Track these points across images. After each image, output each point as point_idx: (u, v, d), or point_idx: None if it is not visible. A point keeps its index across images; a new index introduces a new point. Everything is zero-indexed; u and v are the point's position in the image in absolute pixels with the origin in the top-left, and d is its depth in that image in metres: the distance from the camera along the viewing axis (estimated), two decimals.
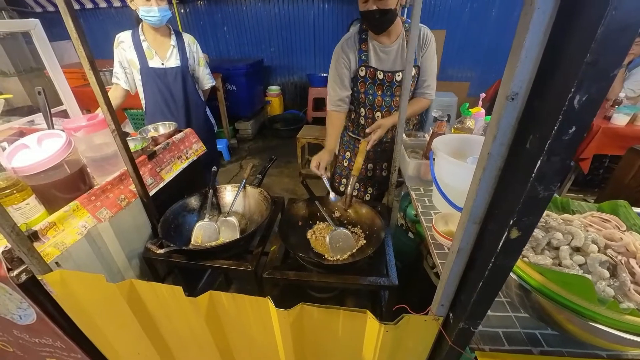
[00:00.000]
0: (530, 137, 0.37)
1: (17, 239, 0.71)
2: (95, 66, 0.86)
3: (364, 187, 1.75)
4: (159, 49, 1.68)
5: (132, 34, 1.65)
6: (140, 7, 1.52)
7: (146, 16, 1.54)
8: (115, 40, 1.65)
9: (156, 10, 1.53)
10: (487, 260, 0.46)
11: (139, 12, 1.55)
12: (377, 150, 1.59)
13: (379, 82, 1.37)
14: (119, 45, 1.65)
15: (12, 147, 0.92)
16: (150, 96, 1.73)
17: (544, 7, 0.31)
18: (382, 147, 1.57)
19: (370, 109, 1.45)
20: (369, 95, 1.41)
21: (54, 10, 4.39)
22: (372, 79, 1.38)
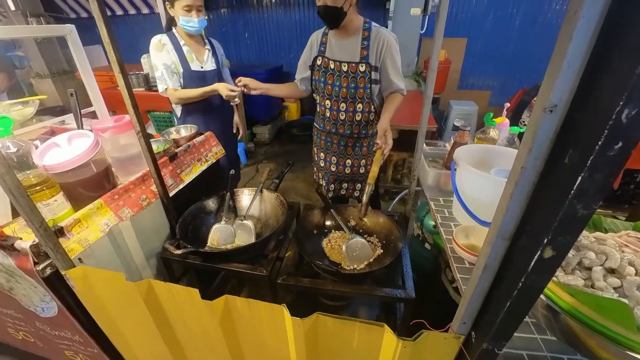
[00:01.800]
0: (570, 151, 0.35)
1: (45, 234, 0.73)
2: (125, 70, 0.89)
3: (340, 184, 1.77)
4: (198, 53, 1.74)
5: (170, 38, 1.67)
6: (181, 17, 1.57)
7: (185, 25, 1.60)
8: (157, 43, 1.64)
9: (196, 21, 1.59)
10: (516, 279, 0.44)
11: (179, 21, 1.60)
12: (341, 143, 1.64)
13: (330, 71, 1.48)
14: (163, 47, 1.65)
15: (44, 146, 0.96)
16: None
17: (589, 15, 0.30)
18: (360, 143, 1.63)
19: (322, 97, 1.57)
20: (321, 83, 1.54)
21: (86, 16, 4.63)
22: (325, 68, 1.50)
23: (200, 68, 1.74)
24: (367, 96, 1.47)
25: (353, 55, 1.43)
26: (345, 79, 1.45)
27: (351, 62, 1.43)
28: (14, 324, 1.23)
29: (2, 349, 1.62)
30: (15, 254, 0.83)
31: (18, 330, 1.27)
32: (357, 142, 1.61)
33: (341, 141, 1.61)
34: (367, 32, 1.41)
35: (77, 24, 1.20)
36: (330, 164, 1.70)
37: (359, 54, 1.42)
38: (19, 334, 1.30)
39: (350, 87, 1.46)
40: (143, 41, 4.49)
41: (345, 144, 1.62)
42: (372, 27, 1.41)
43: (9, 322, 1.23)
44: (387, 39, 1.39)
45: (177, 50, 1.67)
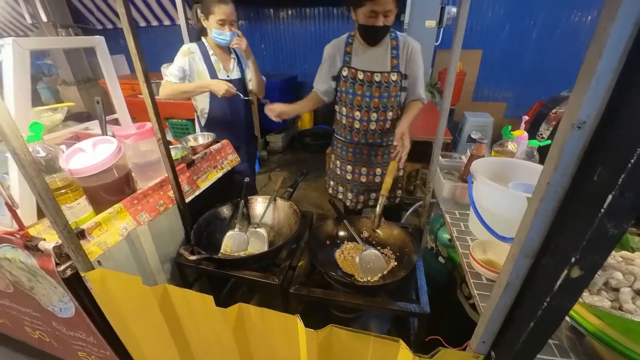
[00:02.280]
0: (599, 169, 0.34)
1: (68, 236, 0.76)
2: (149, 80, 0.93)
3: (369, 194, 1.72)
4: (225, 62, 1.80)
5: (199, 47, 1.73)
6: (214, 29, 1.64)
7: (217, 38, 1.66)
8: (185, 49, 1.71)
9: (228, 34, 1.65)
10: (541, 299, 0.42)
11: (211, 33, 1.66)
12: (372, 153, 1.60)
13: (359, 82, 1.45)
14: (189, 54, 1.70)
15: (70, 150, 1.00)
16: (216, 105, 1.82)
17: (619, 33, 0.29)
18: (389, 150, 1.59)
19: (350, 108, 1.52)
20: (349, 94, 1.49)
21: (111, 27, 4.85)
22: (353, 79, 1.46)
23: (226, 77, 1.79)
24: (397, 104, 1.48)
25: (384, 65, 1.42)
26: (377, 88, 1.44)
27: (383, 72, 1.42)
28: (31, 322, 1.26)
29: (18, 346, 1.66)
30: (38, 254, 0.86)
31: (35, 329, 1.30)
32: (386, 150, 1.60)
33: (371, 151, 1.59)
34: (395, 41, 1.42)
35: (102, 34, 1.26)
36: (360, 175, 1.66)
37: (390, 63, 1.42)
38: (35, 333, 1.34)
39: (382, 96, 1.45)
40: (164, 51, 4.63)
41: (375, 154, 1.60)
42: (399, 36, 1.43)
43: (27, 320, 1.26)
44: (413, 47, 1.42)
45: (205, 60, 1.73)
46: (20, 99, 0.86)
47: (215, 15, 1.59)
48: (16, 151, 0.64)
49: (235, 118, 1.89)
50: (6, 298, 1.18)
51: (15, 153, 0.64)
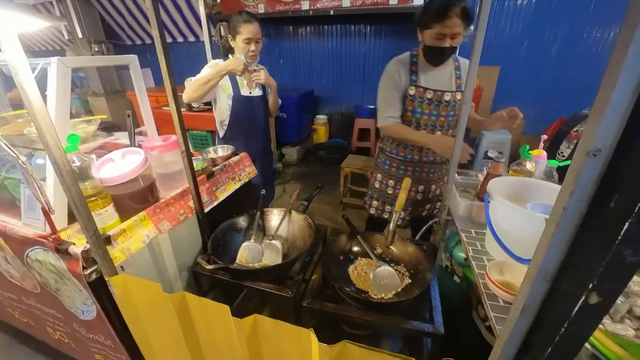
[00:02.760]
0: (616, 196, 0.34)
1: (96, 242, 0.80)
2: (177, 95, 0.99)
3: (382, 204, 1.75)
4: (248, 80, 1.86)
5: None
6: (241, 48, 1.73)
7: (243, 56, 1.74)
8: (212, 63, 1.78)
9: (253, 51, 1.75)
10: (559, 324, 0.42)
11: (237, 52, 1.75)
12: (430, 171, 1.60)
13: (427, 100, 1.46)
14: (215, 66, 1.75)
15: (101, 160, 1.07)
16: (235, 120, 1.88)
17: (632, 67, 0.31)
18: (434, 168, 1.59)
19: (416, 127, 1.51)
20: (417, 114, 1.49)
21: (140, 43, 5.15)
22: (421, 98, 1.46)
23: (248, 93, 1.86)
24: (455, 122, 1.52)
25: (450, 84, 1.46)
26: (445, 107, 1.47)
27: (451, 91, 1.46)
28: (53, 323, 1.31)
29: (37, 346, 1.72)
30: (67, 257, 0.91)
31: (56, 330, 1.35)
32: (443, 166, 1.62)
33: (430, 169, 1.60)
34: (457, 62, 1.48)
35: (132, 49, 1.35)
36: (417, 193, 1.68)
37: (454, 82, 1.47)
38: (55, 334, 1.39)
39: (449, 115, 1.49)
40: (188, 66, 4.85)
41: (434, 171, 1.61)
42: (458, 58, 1.50)
43: (49, 321, 1.32)
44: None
45: (229, 76, 1.79)
46: (60, 112, 0.93)
47: (242, 35, 1.68)
48: (57, 161, 0.70)
49: (254, 130, 1.95)
50: (32, 298, 1.24)
51: (55, 162, 0.70)
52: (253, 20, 1.70)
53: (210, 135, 3.30)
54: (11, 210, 1.11)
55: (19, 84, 0.62)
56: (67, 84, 0.95)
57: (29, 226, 1.02)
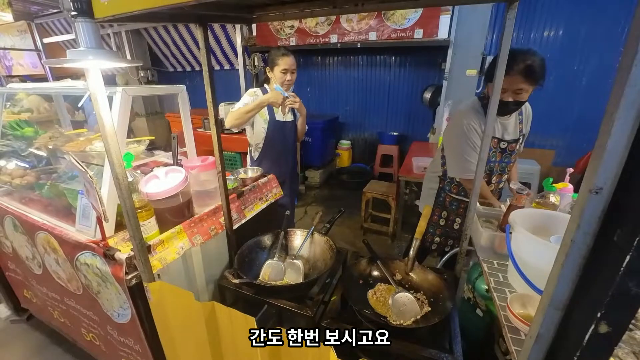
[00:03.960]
0: (619, 230, 0.38)
1: (141, 250, 0.90)
2: (219, 121, 1.11)
3: (445, 240, 1.81)
4: (282, 106, 1.99)
5: (262, 92, 1.96)
6: (275, 86, 1.89)
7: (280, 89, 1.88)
8: (251, 91, 1.95)
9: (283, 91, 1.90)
10: (571, 354, 0.44)
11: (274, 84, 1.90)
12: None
13: (501, 150, 1.53)
14: (254, 94, 1.93)
15: (147, 177, 1.19)
16: (269, 143, 2.03)
17: (624, 117, 0.35)
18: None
19: (487, 174, 1.59)
20: (490, 163, 1.55)
21: (181, 70, 5.64)
22: (495, 148, 1.53)
23: (282, 118, 2.02)
24: None
25: (515, 132, 1.55)
26: (509, 154, 1.56)
27: (516, 140, 1.54)
28: (88, 325, 1.41)
29: (68, 348, 1.82)
30: (112, 262, 1.01)
31: (89, 331, 1.44)
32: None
33: None
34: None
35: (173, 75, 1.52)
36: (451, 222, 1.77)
37: (517, 128, 1.55)
38: (88, 335, 1.48)
39: (511, 160, 1.59)
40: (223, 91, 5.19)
41: None
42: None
43: (85, 322, 1.42)
44: (530, 110, 1.59)
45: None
46: (121, 134, 1.07)
47: (279, 66, 1.86)
48: (118, 176, 0.81)
49: (285, 153, 2.07)
50: (74, 299, 1.35)
51: (117, 177, 0.81)
52: (290, 54, 1.88)
53: (239, 156, 3.49)
54: (66, 217, 1.25)
55: (98, 111, 0.75)
56: (127, 110, 1.10)
57: (81, 232, 1.14)
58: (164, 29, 4.83)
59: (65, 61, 0.62)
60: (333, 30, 3.56)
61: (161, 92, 1.35)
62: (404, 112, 4.33)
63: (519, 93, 1.34)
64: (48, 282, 1.43)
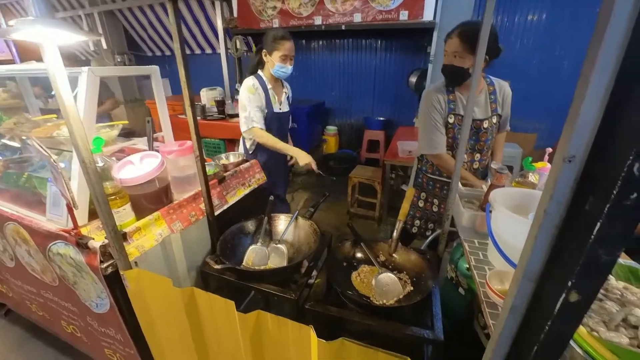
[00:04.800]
0: (590, 198, 0.37)
1: (115, 237, 0.86)
2: (194, 104, 1.06)
3: (425, 223, 1.81)
4: (278, 95, 1.92)
5: (259, 81, 1.81)
6: (277, 64, 1.74)
7: (279, 71, 1.77)
8: (250, 87, 1.78)
9: (289, 68, 1.77)
10: (543, 323, 0.44)
11: (273, 67, 1.76)
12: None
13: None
14: (255, 91, 1.78)
15: (121, 162, 1.14)
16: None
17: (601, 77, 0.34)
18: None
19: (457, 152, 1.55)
20: (457, 140, 1.54)
21: (160, 54, 5.40)
22: (460, 125, 1.51)
23: (279, 109, 1.91)
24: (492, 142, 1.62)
25: (486, 110, 1.54)
26: (485, 133, 1.55)
27: (487, 118, 1.53)
28: (68, 316, 1.37)
29: (50, 341, 1.78)
30: (86, 251, 0.97)
31: (70, 323, 1.41)
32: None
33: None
34: (492, 87, 1.55)
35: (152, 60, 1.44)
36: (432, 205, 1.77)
37: (490, 107, 1.54)
38: (69, 327, 1.44)
39: (487, 139, 1.57)
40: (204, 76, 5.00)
41: None
42: (494, 81, 1.56)
43: (64, 314, 1.38)
44: (507, 89, 1.58)
45: (265, 93, 1.83)
46: (87, 117, 1.01)
47: (279, 51, 1.72)
48: (84, 160, 0.76)
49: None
50: (50, 291, 1.31)
51: (83, 162, 0.76)
52: (290, 38, 1.73)
53: (222, 143, 3.41)
54: (37, 207, 1.19)
55: (57, 91, 0.69)
56: (95, 91, 1.04)
57: (52, 222, 1.09)
58: (139, 10, 4.59)
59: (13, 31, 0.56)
60: (317, 12, 3.45)
61: (132, 73, 1.28)
62: (390, 96, 4.30)
63: (462, 57, 1.38)
64: (22, 275, 1.38)
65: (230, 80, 4.11)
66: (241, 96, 1.79)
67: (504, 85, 1.57)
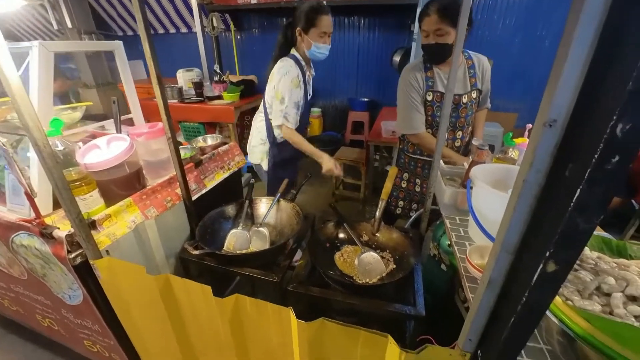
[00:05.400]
0: (570, 165, 0.36)
1: (80, 225, 0.81)
2: (162, 82, 0.99)
3: (409, 203, 1.81)
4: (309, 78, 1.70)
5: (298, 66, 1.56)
6: (314, 43, 1.49)
7: (317, 52, 1.53)
8: (295, 79, 1.53)
9: (328, 47, 1.53)
10: (520, 295, 0.44)
11: (310, 48, 1.52)
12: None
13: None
14: (299, 84, 1.55)
15: (86, 147, 1.06)
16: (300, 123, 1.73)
17: (583, 37, 0.32)
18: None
19: (437, 129, 1.50)
20: (437, 118, 1.53)
21: (132, 34, 5.07)
22: (439, 102, 1.50)
23: (309, 95, 1.73)
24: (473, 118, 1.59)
25: (465, 85, 1.50)
26: (464, 109, 1.52)
27: (466, 93, 1.50)
28: (42, 310, 1.32)
29: (28, 336, 1.73)
30: (52, 242, 0.91)
31: (45, 317, 1.35)
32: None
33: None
34: (470, 61, 1.50)
35: (123, 40, 1.33)
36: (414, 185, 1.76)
37: (469, 82, 1.50)
38: (45, 321, 1.39)
39: (468, 115, 1.54)
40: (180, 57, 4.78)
41: None
42: (472, 56, 1.51)
43: (38, 308, 1.32)
44: (486, 64, 1.53)
45: (304, 83, 1.60)
46: (43, 96, 0.93)
47: (318, 28, 1.49)
48: (37, 142, 0.70)
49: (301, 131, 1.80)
50: (20, 285, 1.24)
51: (36, 144, 0.70)
52: (329, 11, 1.50)
53: (202, 126, 3.28)
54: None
55: None
56: (50, 69, 0.95)
57: (14, 212, 1.02)
58: None
59: None
60: None
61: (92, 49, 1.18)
62: (374, 77, 4.23)
63: (440, 35, 1.34)
64: None
65: (209, 61, 3.91)
66: (281, 85, 1.53)
67: (482, 59, 1.54)
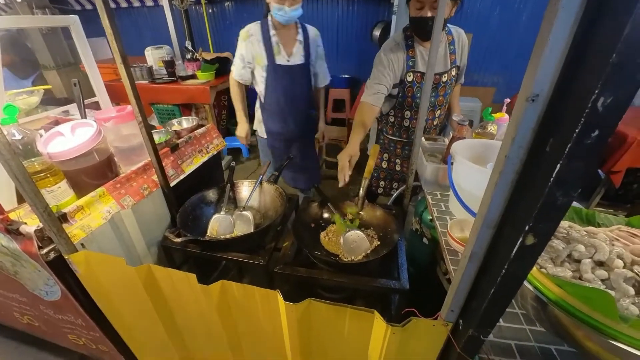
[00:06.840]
0: (551, 140, 0.36)
1: (49, 219, 0.76)
2: (127, 61, 0.91)
3: (390, 182, 1.82)
4: (286, 45, 1.62)
5: (261, 27, 1.59)
6: (274, 5, 1.49)
7: (277, 14, 1.51)
8: (244, 33, 1.58)
9: (288, 10, 1.49)
10: (500, 267, 0.45)
11: (271, 9, 1.52)
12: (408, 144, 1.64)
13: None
14: (248, 37, 1.58)
15: (48, 134, 0.99)
16: (271, 93, 1.67)
17: (568, 7, 0.30)
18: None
19: (416, 111, 1.51)
20: (416, 99, 1.48)
21: (91, 8, 4.63)
22: (419, 83, 1.45)
23: (286, 62, 1.62)
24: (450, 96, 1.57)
25: (445, 63, 1.44)
26: (443, 88, 1.47)
27: (446, 71, 1.44)
28: (19, 308, 1.27)
29: (10, 334, 1.67)
30: (20, 238, 0.86)
31: (23, 314, 1.30)
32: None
33: None
34: (451, 36, 1.43)
35: (81, 15, 1.21)
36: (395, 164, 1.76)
37: (449, 59, 1.44)
38: (24, 318, 1.34)
39: (446, 93, 1.50)
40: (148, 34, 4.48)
41: None
42: (452, 30, 1.44)
43: (15, 306, 1.27)
44: (464, 38, 1.48)
45: (264, 41, 1.58)
46: None
47: None
48: None
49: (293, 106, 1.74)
50: None
51: None
52: None
53: (177, 108, 3.13)
54: None
55: None
56: None
57: None
58: None
59: None
60: None
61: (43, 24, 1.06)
62: (354, 52, 4.12)
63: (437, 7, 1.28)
64: None
65: (179, 37, 3.67)
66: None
67: (461, 33, 1.49)
